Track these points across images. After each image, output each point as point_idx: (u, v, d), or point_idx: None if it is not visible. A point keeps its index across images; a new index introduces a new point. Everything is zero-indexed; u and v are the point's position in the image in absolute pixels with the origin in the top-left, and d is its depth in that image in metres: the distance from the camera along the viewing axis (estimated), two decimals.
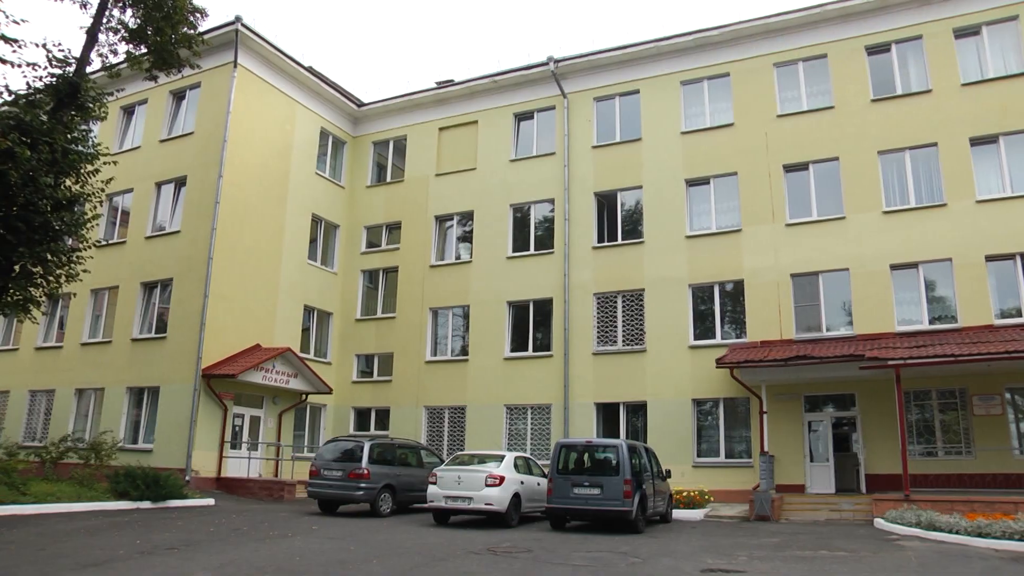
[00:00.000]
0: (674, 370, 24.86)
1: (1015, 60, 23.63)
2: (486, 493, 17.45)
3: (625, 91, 28.18)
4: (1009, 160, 22.88)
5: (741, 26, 26.39)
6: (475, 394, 27.48)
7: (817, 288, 24.12)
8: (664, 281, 25.65)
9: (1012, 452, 21.25)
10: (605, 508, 16.63)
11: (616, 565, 11.93)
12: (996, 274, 22.45)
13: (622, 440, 17.99)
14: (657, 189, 26.71)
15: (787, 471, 22.94)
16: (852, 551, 14.00)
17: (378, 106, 32.04)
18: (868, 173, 24.14)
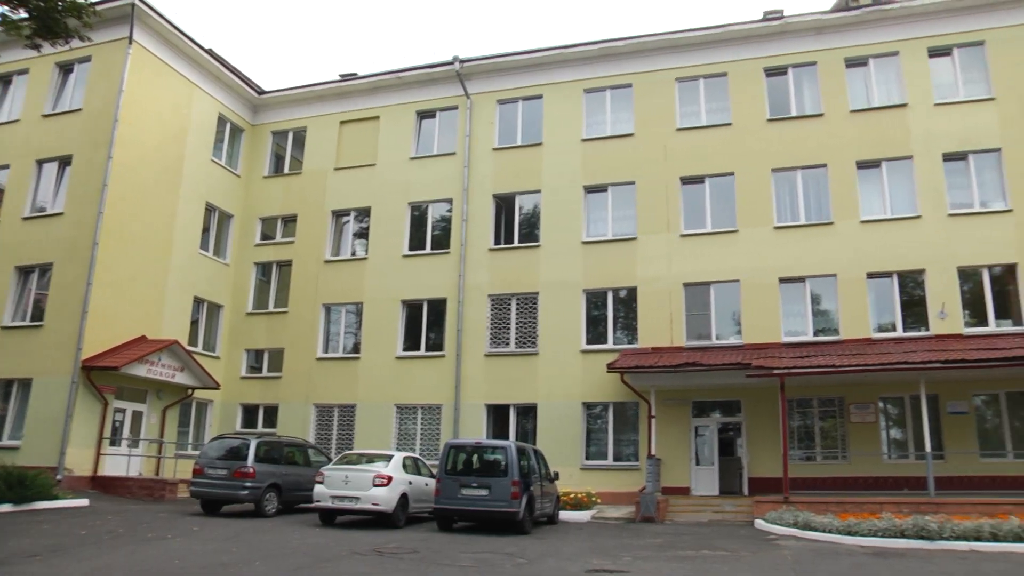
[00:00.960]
0: (566, 373, 24.71)
1: (897, 92, 24.81)
2: (373, 493, 17.09)
3: (529, 95, 27.85)
4: (890, 184, 24.09)
5: (646, 39, 26.50)
6: (366, 393, 26.55)
7: (708, 298, 24.54)
8: (559, 285, 25.52)
9: (883, 457, 22.47)
10: (493, 509, 16.46)
11: (502, 566, 11.86)
12: (876, 291, 23.54)
13: (511, 442, 17.80)
14: (556, 194, 26.53)
15: (673, 474, 23.21)
16: (733, 551, 14.32)
17: (279, 95, 30.62)
18: (761, 189, 24.76)
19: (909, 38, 25.05)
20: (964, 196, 23.79)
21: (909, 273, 23.57)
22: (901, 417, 23.14)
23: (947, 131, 24.07)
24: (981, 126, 23.95)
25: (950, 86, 24.70)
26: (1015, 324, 22.62)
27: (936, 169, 23.89)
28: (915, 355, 20.42)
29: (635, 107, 26.77)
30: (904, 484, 21.38)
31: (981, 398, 22.67)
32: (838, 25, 25.53)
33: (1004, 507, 17.60)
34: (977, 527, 15.19)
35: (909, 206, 23.91)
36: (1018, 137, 23.60)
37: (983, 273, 23.14)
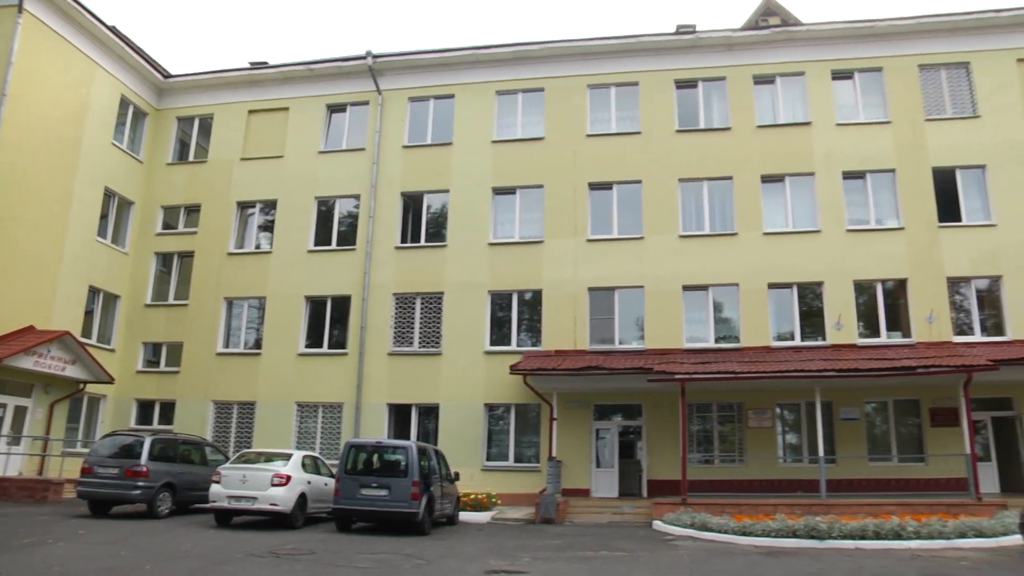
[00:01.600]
0: (469, 374, 24.33)
1: (802, 110, 25.46)
2: (271, 493, 16.54)
3: (441, 94, 27.40)
4: (793, 199, 24.75)
5: (560, 45, 26.48)
6: (266, 390, 25.59)
7: (612, 302, 24.64)
8: (464, 286, 25.21)
9: (778, 461, 23.06)
10: (392, 510, 16.14)
11: (401, 567, 11.65)
12: (776, 301, 24.10)
13: (412, 442, 17.45)
14: (464, 194, 26.20)
15: (574, 476, 23.12)
16: (630, 551, 14.38)
17: (186, 79, 29.18)
18: (668, 198, 24.95)
19: (814, 60, 25.72)
20: (861, 213, 24.58)
21: (808, 285, 24.19)
22: (797, 422, 23.73)
23: (847, 150, 24.83)
24: (878, 147, 24.78)
25: (851, 108, 25.51)
26: (904, 336, 23.57)
27: (836, 186, 24.60)
28: (811, 363, 21.05)
29: (546, 111, 26.66)
30: (798, 486, 21.83)
31: (872, 405, 23.60)
32: (748, 43, 25.99)
33: (888, 507, 18.49)
34: (862, 527, 15.76)
35: (810, 220, 24.57)
36: (911, 160, 24.49)
37: (877, 287, 24.03)
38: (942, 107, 25.27)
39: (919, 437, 23.19)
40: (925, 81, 25.43)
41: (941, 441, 22.53)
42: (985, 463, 22.37)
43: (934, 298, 23.57)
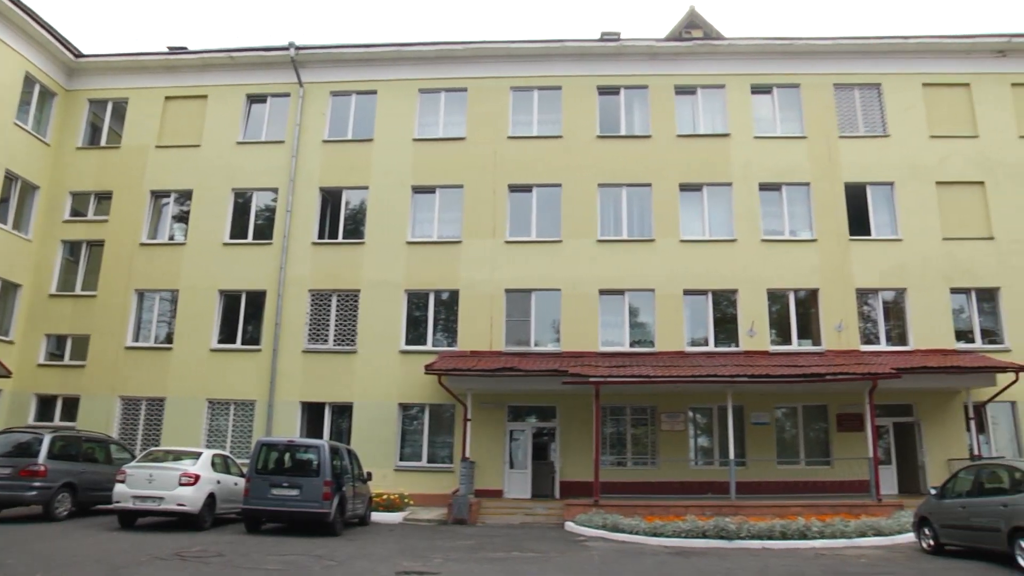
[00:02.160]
0: (383, 373, 24.03)
1: (721, 122, 26.00)
2: (179, 493, 16.12)
3: (363, 90, 26.97)
4: (710, 208, 25.26)
5: (484, 46, 26.46)
6: (177, 385, 24.72)
7: (529, 304, 24.71)
8: (381, 284, 24.88)
9: (690, 463, 23.56)
10: (303, 510, 15.92)
11: (311, 568, 11.59)
12: (691, 307, 24.54)
13: (325, 441, 17.18)
14: (384, 192, 25.82)
15: (487, 477, 23.12)
16: (542, 552, 14.57)
17: (99, 61, 27.92)
18: (587, 203, 25.18)
19: (735, 73, 26.35)
20: (776, 224, 25.27)
21: (723, 292, 24.70)
22: (709, 426, 24.19)
23: (764, 163, 25.48)
24: (794, 161, 25.50)
25: (769, 121, 26.19)
26: (815, 344, 24.37)
27: (753, 197, 25.22)
28: (724, 369, 21.53)
29: (469, 111, 26.53)
30: (709, 488, 22.13)
31: (782, 410, 24.24)
32: (671, 53, 26.41)
33: (794, 509, 19.11)
34: (770, 527, 16.33)
35: (726, 229, 25.11)
36: (824, 174, 25.30)
37: (789, 296, 24.74)
38: (855, 125, 26.15)
39: (826, 441, 24.00)
40: (840, 99, 26.32)
41: (846, 445, 23.40)
42: (886, 466, 23.51)
43: (843, 308, 24.39)
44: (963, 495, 14.42)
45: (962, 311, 24.73)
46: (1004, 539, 12.65)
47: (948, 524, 14.50)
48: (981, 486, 14.20)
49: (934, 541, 14.87)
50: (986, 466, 15.01)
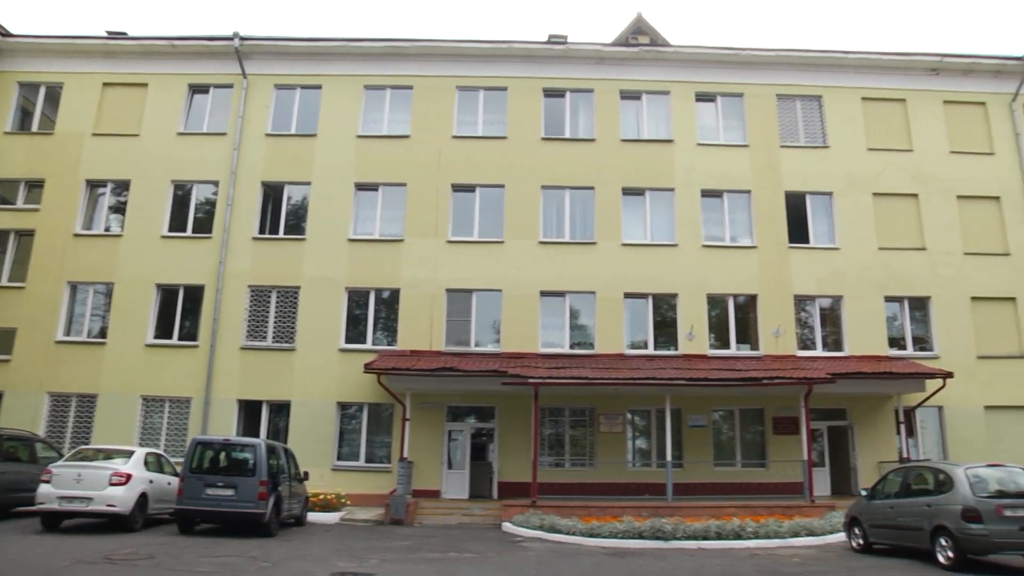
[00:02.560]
0: (322, 371, 23.83)
1: (665, 128, 26.39)
2: (109, 493, 15.60)
3: (308, 84, 26.64)
4: (652, 212, 25.63)
5: (431, 44, 26.35)
6: (110, 382, 24.07)
7: (470, 305, 24.77)
8: (322, 281, 24.65)
9: (627, 465, 23.91)
10: (238, 510, 15.67)
11: (245, 570, 11.44)
12: (631, 310, 24.88)
13: (262, 440, 16.94)
14: (326, 188, 25.60)
15: (425, 477, 23.13)
16: (479, 552, 14.66)
17: (30, 41, 26.98)
18: (530, 204, 25.37)
19: (680, 80, 26.76)
20: (717, 230, 25.72)
21: (663, 296, 25.07)
22: (647, 428, 24.51)
23: (707, 169, 25.94)
24: (736, 169, 26.04)
25: (712, 129, 26.67)
26: (753, 348, 24.93)
27: (694, 203, 25.66)
28: (663, 372, 21.84)
29: (414, 110, 26.44)
30: (646, 490, 22.50)
31: (719, 413, 24.74)
32: (617, 58, 26.71)
33: (730, 509, 19.60)
34: (705, 528, 16.64)
35: (668, 234, 25.52)
36: (765, 183, 25.88)
37: (729, 301, 25.22)
38: (796, 135, 26.80)
39: (762, 444, 24.56)
40: (782, 110, 26.99)
41: (782, 448, 24.01)
42: (820, 468, 24.14)
43: (781, 314, 24.99)
44: (891, 496, 15.01)
45: (895, 319, 25.52)
46: (927, 537, 13.41)
47: (877, 524, 15.12)
48: (908, 487, 14.77)
49: (863, 540, 15.48)
50: (913, 468, 15.50)
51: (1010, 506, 12.56)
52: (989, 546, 12.51)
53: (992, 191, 26.77)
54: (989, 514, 12.51)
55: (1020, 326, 25.65)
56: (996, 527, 12.42)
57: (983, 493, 12.88)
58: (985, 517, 12.51)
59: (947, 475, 13.61)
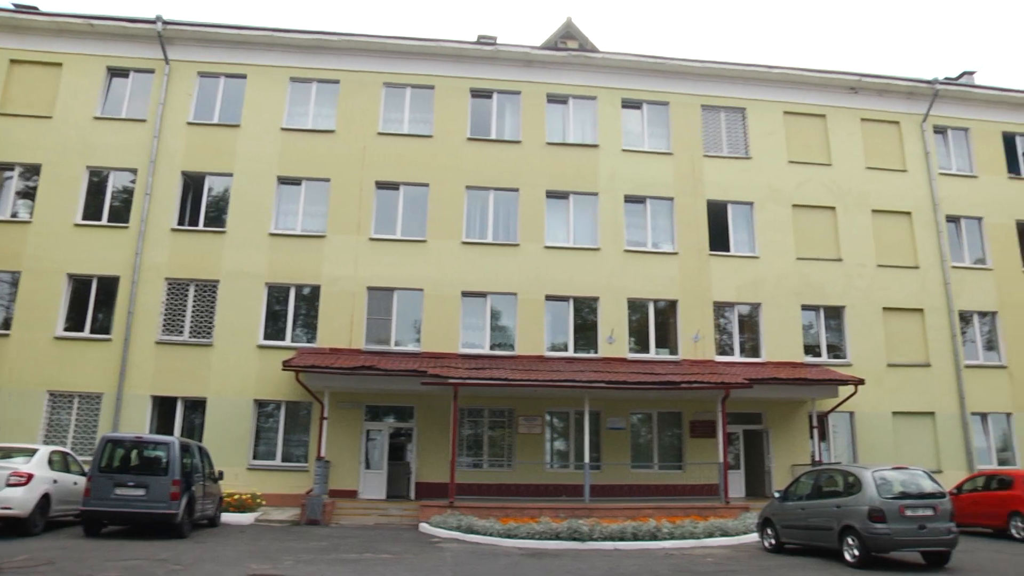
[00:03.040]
0: (240, 368, 23.71)
1: (591, 133, 27.15)
2: (6, 494, 15.02)
3: (232, 73, 26.42)
4: (576, 216, 26.28)
5: (359, 39, 26.50)
6: (14, 376, 23.35)
7: (391, 303, 24.94)
8: (242, 275, 24.48)
9: (545, 466, 24.45)
10: (149, 511, 15.40)
11: (153, 574, 11.31)
12: (552, 312, 25.44)
13: (175, 438, 16.72)
14: (248, 180, 25.42)
15: (342, 477, 23.22)
16: (396, 553, 14.77)
17: None
18: (454, 204, 25.73)
19: (607, 87, 27.56)
20: (639, 235, 26.53)
21: (585, 299, 25.72)
22: (565, 430, 25.10)
23: (630, 175, 26.73)
24: (659, 176, 26.89)
25: (637, 136, 27.51)
26: (672, 353, 25.75)
27: (618, 208, 26.40)
28: (582, 374, 22.53)
29: (340, 104, 26.52)
30: (564, 491, 23.15)
31: (637, 416, 25.48)
32: (545, 62, 27.34)
33: (646, 511, 20.25)
34: (622, 529, 17.18)
35: (590, 238, 26.20)
36: (688, 190, 26.83)
37: (649, 306, 26.00)
38: (719, 146, 27.90)
39: (679, 447, 25.40)
40: (706, 120, 28.04)
41: (698, 450, 24.87)
42: (735, 471, 25.17)
43: (701, 320, 25.89)
44: (803, 498, 15.87)
45: (811, 327, 26.83)
46: (835, 537, 14.35)
47: (789, 524, 16.01)
48: (819, 489, 15.64)
49: (775, 540, 16.33)
50: (824, 471, 16.39)
51: (911, 506, 13.63)
52: (892, 544, 13.51)
53: (905, 206, 28.37)
54: (893, 514, 13.49)
55: (927, 336, 27.29)
56: (898, 526, 13.43)
57: (888, 495, 13.80)
58: (889, 517, 13.47)
59: (856, 478, 14.47)
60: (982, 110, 30.10)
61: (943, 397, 26.90)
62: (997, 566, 14.46)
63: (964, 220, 29.11)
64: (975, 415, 27.06)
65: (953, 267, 28.11)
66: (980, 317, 28.26)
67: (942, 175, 29.08)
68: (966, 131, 29.99)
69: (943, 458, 26.28)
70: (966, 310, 28.06)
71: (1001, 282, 28.38)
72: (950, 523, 13.77)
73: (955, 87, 29.86)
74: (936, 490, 14.18)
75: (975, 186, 29.26)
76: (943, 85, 29.42)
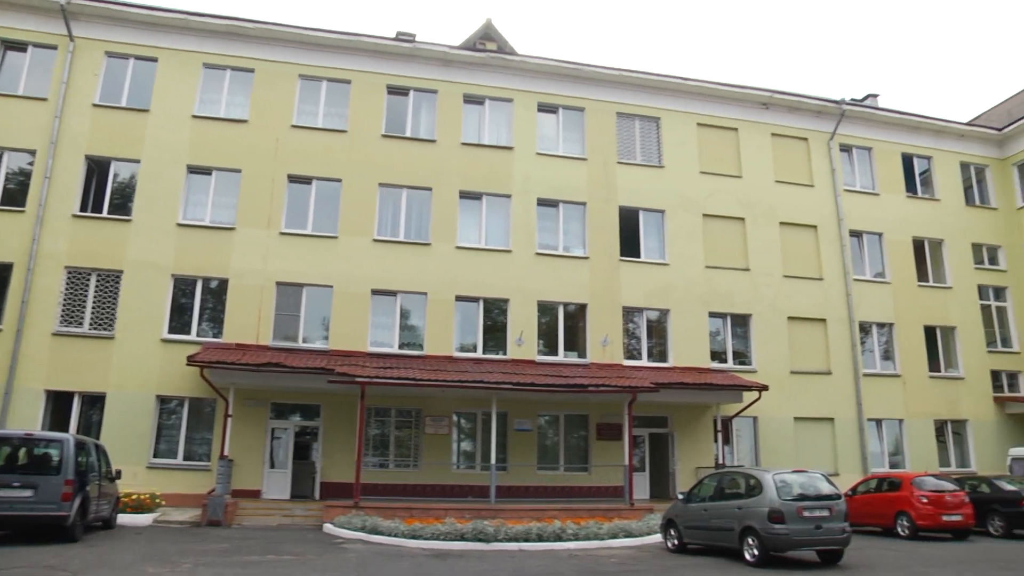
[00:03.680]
0: (142, 362, 23.38)
1: (506, 135, 27.91)
2: None
3: (143, 55, 25.93)
4: (488, 217, 26.88)
5: (275, 28, 26.58)
6: None
7: (300, 299, 25.10)
8: (147, 266, 24.09)
9: (452, 467, 24.95)
10: (37, 513, 14.73)
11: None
12: (462, 313, 26.00)
13: (70, 435, 16.28)
14: (156, 167, 25.06)
15: (246, 476, 23.12)
16: (299, 555, 14.80)
17: None
18: (367, 201, 26.07)
19: (524, 90, 28.44)
20: (551, 239, 27.48)
21: (495, 300, 26.40)
22: (473, 431, 25.72)
23: (544, 179, 27.63)
24: (573, 180, 27.92)
25: (552, 140, 28.51)
26: (580, 356, 26.70)
27: (530, 211, 27.24)
28: (491, 375, 23.15)
29: (254, 94, 26.50)
30: (470, 492, 23.65)
31: (545, 418, 26.27)
32: (464, 62, 28.01)
33: (552, 512, 20.68)
34: (527, 530, 17.64)
35: (503, 240, 26.94)
36: (600, 196, 27.95)
37: (559, 309, 26.85)
38: (633, 153, 29.20)
39: (585, 449, 26.36)
40: (621, 127, 29.29)
41: (605, 453, 25.81)
42: (640, 473, 26.23)
43: (610, 324, 26.95)
44: (706, 499, 16.65)
45: (718, 334, 28.38)
46: (736, 537, 15.15)
47: (691, 525, 16.81)
48: (722, 491, 16.44)
49: (678, 541, 17.14)
50: (727, 473, 17.28)
51: (809, 508, 14.53)
52: (790, 544, 14.45)
53: (811, 220, 30.34)
54: (791, 515, 14.36)
55: (828, 346, 29.24)
56: (796, 527, 14.32)
57: (787, 496, 14.67)
58: (788, 518, 14.34)
59: (757, 480, 15.29)
60: (884, 131, 32.52)
61: (842, 404, 28.80)
62: (884, 561, 15.69)
63: (866, 235, 31.25)
64: (871, 421, 29.15)
65: (855, 280, 30.17)
66: (878, 328, 30.41)
67: (847, 191, 31.16)
68: (869, 150, 32.07)
69: (840, 461, 28.14)
70: (866, 321, 30.08)
71: (898, 295, 30.61)
72: (844, 523, 14.76)
73: (860, 108, 32.07)
74: (832, 492, 15.16)
75: (877, 203, 31.43)
76: (849, 106, 31.54)
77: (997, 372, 31.25)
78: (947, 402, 30.05)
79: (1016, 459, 26.13)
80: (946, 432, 30.09)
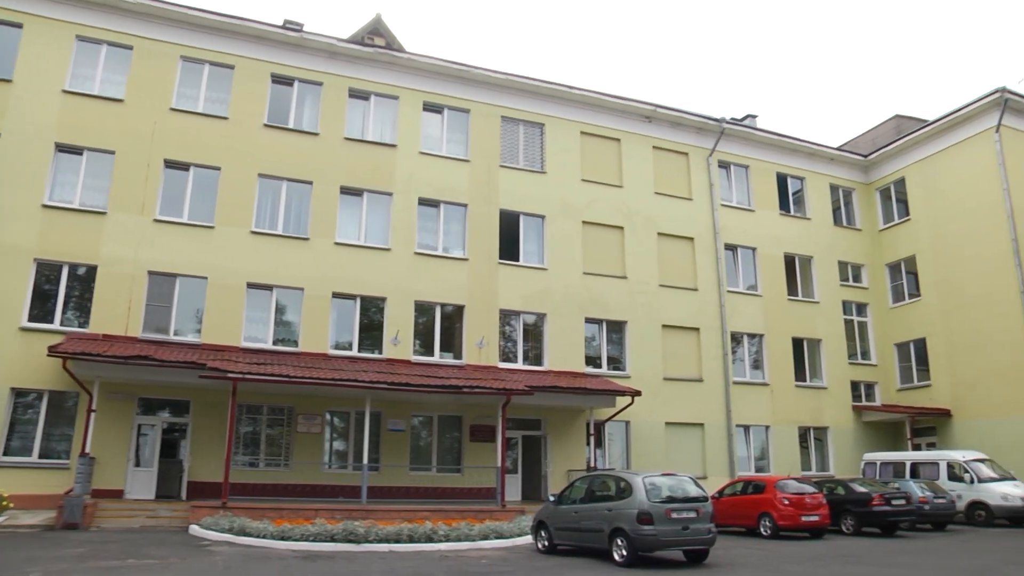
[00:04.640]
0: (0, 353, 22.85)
1: (390, 132, 28.85)
2: None
3: (6, 20, 24.79)
4: (369, 214, 27.70)
5: (156, 4, 26.25)
6: None
7: (173, 290, 24.97)
8: (6, 249, 23.16)
9: (323, 467, 25.59)
10: None
11: None
12: (339, 310, 26.71)
13: None
14: (19, 143, 24.03)
15: (108, 475, 22.86)
16: (162, 558, 14.79)
17: None
18: (245, 191, 26.29)
19: (410, 88, 29.63)
20: (431, 239, 28.77)
21: (372, 299, 27.35)
22: (345, 430, 26.56)
23: (427, 179, 28.86)
24: (455, 181, 29.32)
25: (436, 140, 29.86)
26: (456, 357, 28.01)
27: (411, 210, 28.39)
28: (365, 375, 24.03)
29: (132, 72, 26.14)
30: (341, 492, 24.49)
31: (418, 419, 27.47)
32: (351, 56, 28.96)
33: (423, 513, 21.59)
34: (398, 531, 18.38)
35: (382, 238, 27.95)
36: (482, 198, 29.43)
37: (436, 309, 28.08)
38: (516, 157, 31.02)
39: (459, 450, 27.71)
40: (505, 131, 31.01)
41: (477, 454, 27.24)
42: (512, 475, 27.77)
43: (487, 326, 28.43)
44: (577, 501, 17.57)
45: (594, 339, 30.31)
46: (606, 538, 16.01)
47: (562, 527, 17.70)
48: (593, 493, 17.39)
49: (549, 542, 18.01)
50: (598, 476, 18.33)
51: (677, 509, 15.48)
52: (657, 544, 15.37)
53: (688, 232, 32.88)
54: (660, 516, 15.29)
55: (701, 354, 31.81)
56: (664, 527, 15.25)
57: (656, 499, 15.60)
58: (656, 519, 15.25)
59: (627, 483, 16.18)
60: (761, 151, 35.62)
61: (712, 410, 31.21)
62: (747, 560, 16.99)
63: (740, 249, 34.09)
64: (739, 427, 31.83)
65: (728, 291, 32.94)
66: (749, 338, 33.30)
67: (724, 206, 33.88)
68: (747, 168, 34.72)
69: (709, 465, 30.54)
70: (737, 331, 32.83)
71: (768, 308, 33.50)
72: (710, 524, 15.90)
73: (739, 127, 35.17)
74: (700, 494, 16.30)
75: (752, 219, 34.27)
76: (729, 124, 34.47)
77: (856, 383, 34.75)
78: (811, 410, 33.15)
79: (868, 463, 29.64)
80: (809, 438, 33.27)
